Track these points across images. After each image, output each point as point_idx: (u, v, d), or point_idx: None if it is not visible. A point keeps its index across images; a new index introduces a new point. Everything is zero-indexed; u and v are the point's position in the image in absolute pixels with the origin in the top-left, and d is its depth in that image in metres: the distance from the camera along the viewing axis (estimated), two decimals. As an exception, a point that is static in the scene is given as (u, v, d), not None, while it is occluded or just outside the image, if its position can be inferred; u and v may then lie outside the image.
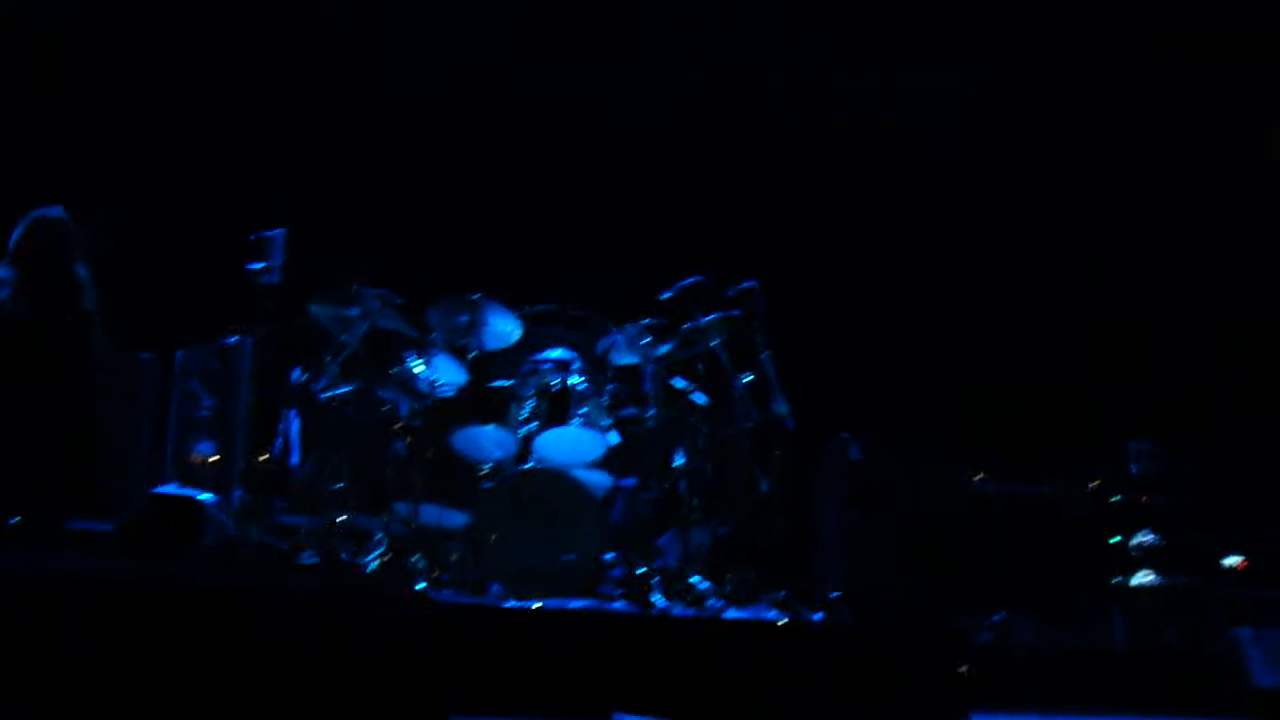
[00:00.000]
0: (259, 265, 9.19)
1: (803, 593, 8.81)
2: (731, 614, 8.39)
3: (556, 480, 8.72)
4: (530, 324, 9.40)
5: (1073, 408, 11.41)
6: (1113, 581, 9.92)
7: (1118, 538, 10.07)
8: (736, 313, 9.22)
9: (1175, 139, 11.77)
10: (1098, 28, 11.89)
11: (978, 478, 10.22)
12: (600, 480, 9.07)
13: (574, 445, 9.00)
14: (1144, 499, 10.21)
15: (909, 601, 9.34)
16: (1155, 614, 9.79)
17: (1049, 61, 11.84)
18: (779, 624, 8.08)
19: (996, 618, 9.13)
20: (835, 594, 8.92)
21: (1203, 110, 11.72)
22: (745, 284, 9.20)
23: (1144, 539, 10.06)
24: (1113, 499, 10.25)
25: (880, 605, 9.12)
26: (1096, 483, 10.32)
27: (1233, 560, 10.07)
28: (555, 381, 9.11)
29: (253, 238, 9.25)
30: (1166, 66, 11.76)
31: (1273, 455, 10.45)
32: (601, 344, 9.45)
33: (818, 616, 8.51)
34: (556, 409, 9.00)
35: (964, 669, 7.61)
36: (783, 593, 8.75)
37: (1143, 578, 9.93)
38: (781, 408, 9.14)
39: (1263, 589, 9.88)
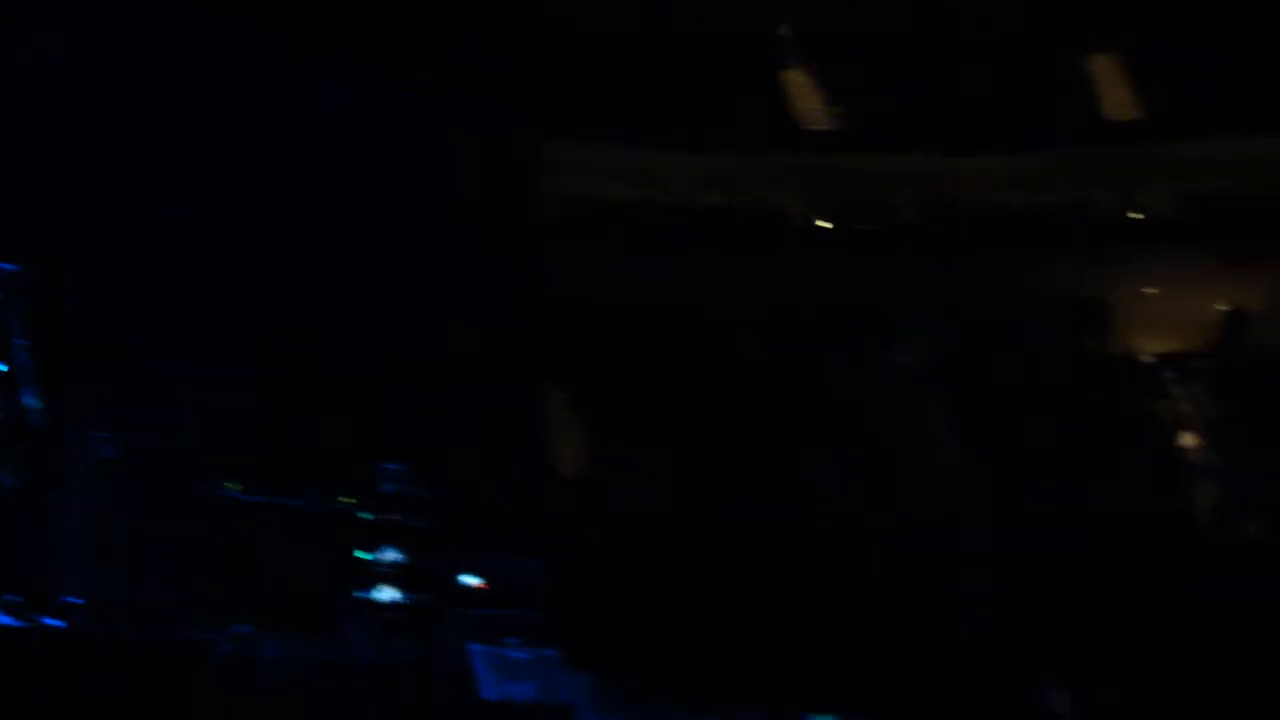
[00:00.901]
0: None
1: (41, 597, 8.44)
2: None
3: None
4: None
5: (329, 425, 11.57)
6: (357, 595, 10.12)
7: (364, 553, 10.27)
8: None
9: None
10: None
11: (227, 486, 10.13)
12: None
13: None
14: (391, 518, 10.46)
15: (151, 610, 9.10)
16: (396, 628, 10.07)
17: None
18: (11, 630, 7.74)
19: (241, 629, 9.06)
20: (75, 600, 8.60)
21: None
22: (5, 266, 8.76)
23: (388, 556, 10.31)
24: (361, 515, 10.42)
25: (121, 613, 8.89)
26: (346, 499, 10.47)
27: (471, 580, 10.52)
28: None
29: None
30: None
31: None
32: None
33: (55, 622, 8.19)
34: None
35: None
36: (19, 597, 8.34)
37: (386, 593, 10.18)
38: (32, 401, 8.75)
39: (496, 608, 10.40)
